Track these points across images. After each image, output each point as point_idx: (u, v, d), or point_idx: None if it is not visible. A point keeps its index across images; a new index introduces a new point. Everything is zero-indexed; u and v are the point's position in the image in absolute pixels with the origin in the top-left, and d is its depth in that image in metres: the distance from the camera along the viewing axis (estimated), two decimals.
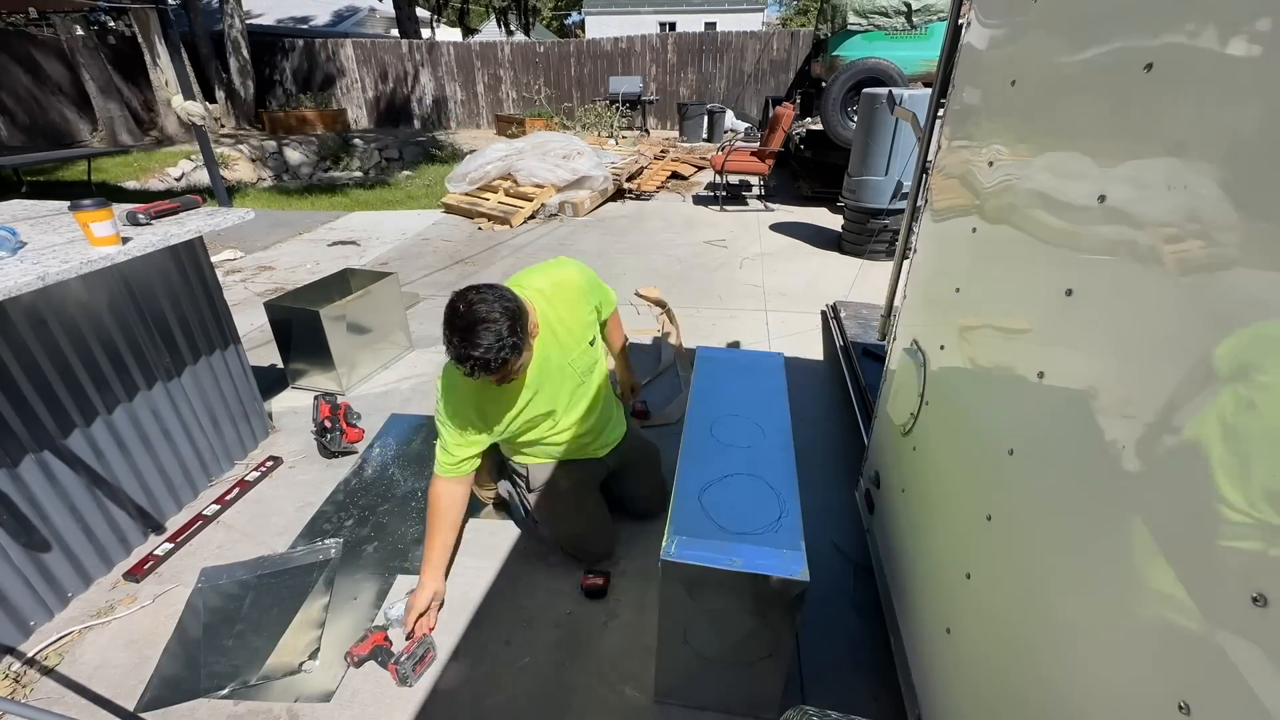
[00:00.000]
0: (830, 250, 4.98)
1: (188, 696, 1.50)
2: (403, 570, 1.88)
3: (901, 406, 1.62)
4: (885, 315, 2.54)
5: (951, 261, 1.42)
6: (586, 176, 6.23)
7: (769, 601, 1.26)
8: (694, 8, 24.21)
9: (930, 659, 1.29)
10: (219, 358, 2.24)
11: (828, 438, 2.52)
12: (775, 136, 6.10)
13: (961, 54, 1.49)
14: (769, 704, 1.42)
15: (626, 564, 1.89)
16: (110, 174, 8.10)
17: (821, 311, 3.76)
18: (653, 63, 12.64)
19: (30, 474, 1.61)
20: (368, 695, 1.51)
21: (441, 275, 4.52)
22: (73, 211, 1.64)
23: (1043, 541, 0.88)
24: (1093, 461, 0.77)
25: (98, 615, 1.72)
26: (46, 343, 1.64)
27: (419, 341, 3.37)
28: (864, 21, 6.59)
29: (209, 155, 3.61)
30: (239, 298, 4.01)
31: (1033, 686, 0.87)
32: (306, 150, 10.25)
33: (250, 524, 2.06)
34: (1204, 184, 0.61)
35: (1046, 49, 1.02)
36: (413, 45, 13.08)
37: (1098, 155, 0.82)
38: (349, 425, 2.41)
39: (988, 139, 1.24)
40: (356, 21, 19.09)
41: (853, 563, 1.91)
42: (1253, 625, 0.52)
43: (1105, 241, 0.78)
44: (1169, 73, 0.69)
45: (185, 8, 10.86)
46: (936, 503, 1.35)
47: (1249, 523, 0.53)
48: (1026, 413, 0.97)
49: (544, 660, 1.61)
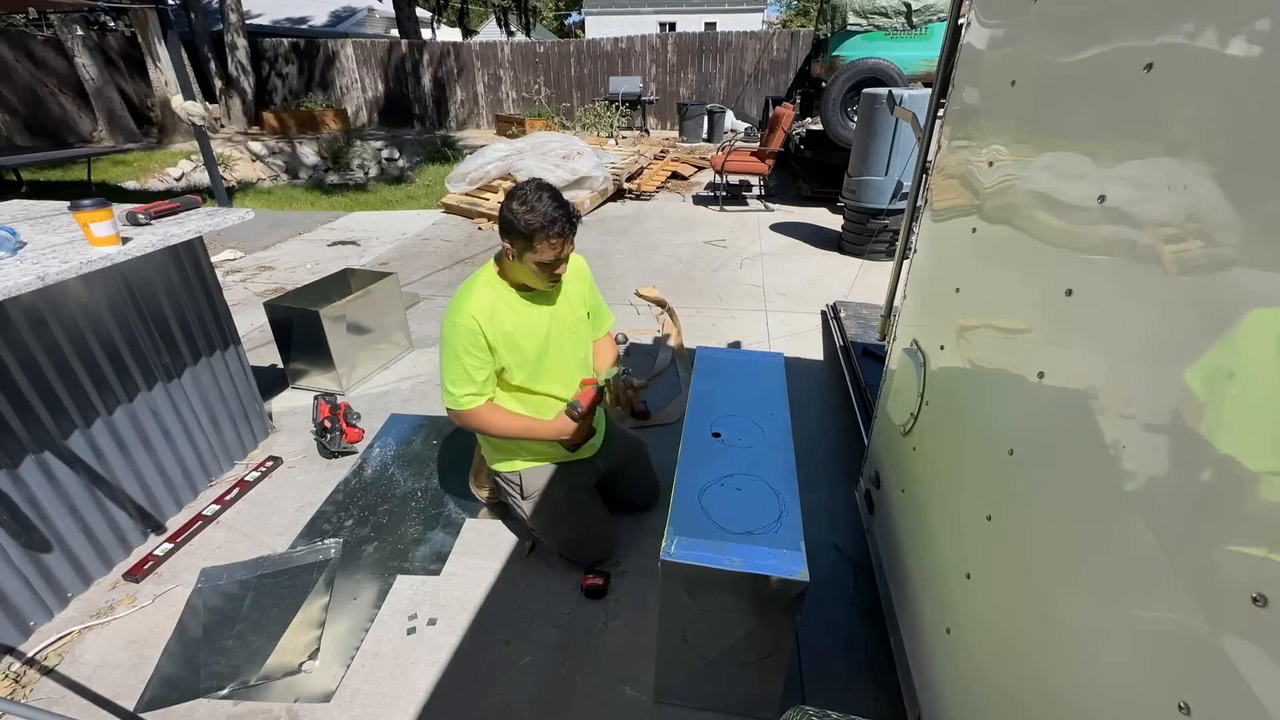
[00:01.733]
0: (830, 250, 4.98)
1: (188, 696, 1.50)
2: (403, 570, 1.88)
3: (901, 406, 1.62)
4: (885, 315, 2.54)
5: (951, 261, 1.42)
6: (586, 177, 6.23)
7: (769, 601, 1.26)
8: (694, 8, 24.22)
9: (930, 659, 1.29)
10: (219, 358, 2.24)
11: (828, 438, 2.52)
12: (775, 136, 6.10)
13: (961, 54, 1.49)
14: (769, 704, 1.42)
15: (626, 564, 1.89)
16: (110, 174, 8.11)
17: (821, 312, 3.75)
18: (653, 63, 12.64)
19: (30, 474, 1.61)
20: (368, 695, 1.51)
21: (441, 275, 4.52)
22: (73, 211, 1.64)
23: (1043, 541, 0.88)
24: (1093, 461, 0.77)
25: (98, 615, 1.72)
26: (46, 343, 1.64)
27: (419, 341, 3.37)
28: (864, 22, 6.58)
29: (209, 155, 3.60)
30: (239, 298, 4.01)
31: (1033, 686, 0.87)
32: (307, 150, 10.26)
33: (250, 524, 2.06)
34: (1204, 184, 0.61)
35: (1046, 49, 1.02)
36: (413, 45, 13.08)
37: (1097, 155, 0.82)
38: (349, 425, 2.41)
39: (987, 139, 1.24)
40: (356, 21, 19.09)
41: (853, 563, 1.91)
42: (1253, 625, 0.52)
43: (1105, 241, 0.78)
44: (1169, 73, 0.69)
45: (185, 8, 10.86)
46: (936, 503, 1.35)
47: (1249, 522, 0.53)
48: (1026, 413, 0.97)
49: (544, 660, 1.61)
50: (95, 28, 10.82)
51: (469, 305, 1.60)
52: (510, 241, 1.56)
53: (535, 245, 1.52)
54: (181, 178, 8.65)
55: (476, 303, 1.61)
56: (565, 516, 1.85)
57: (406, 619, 1.71)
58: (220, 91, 11.32)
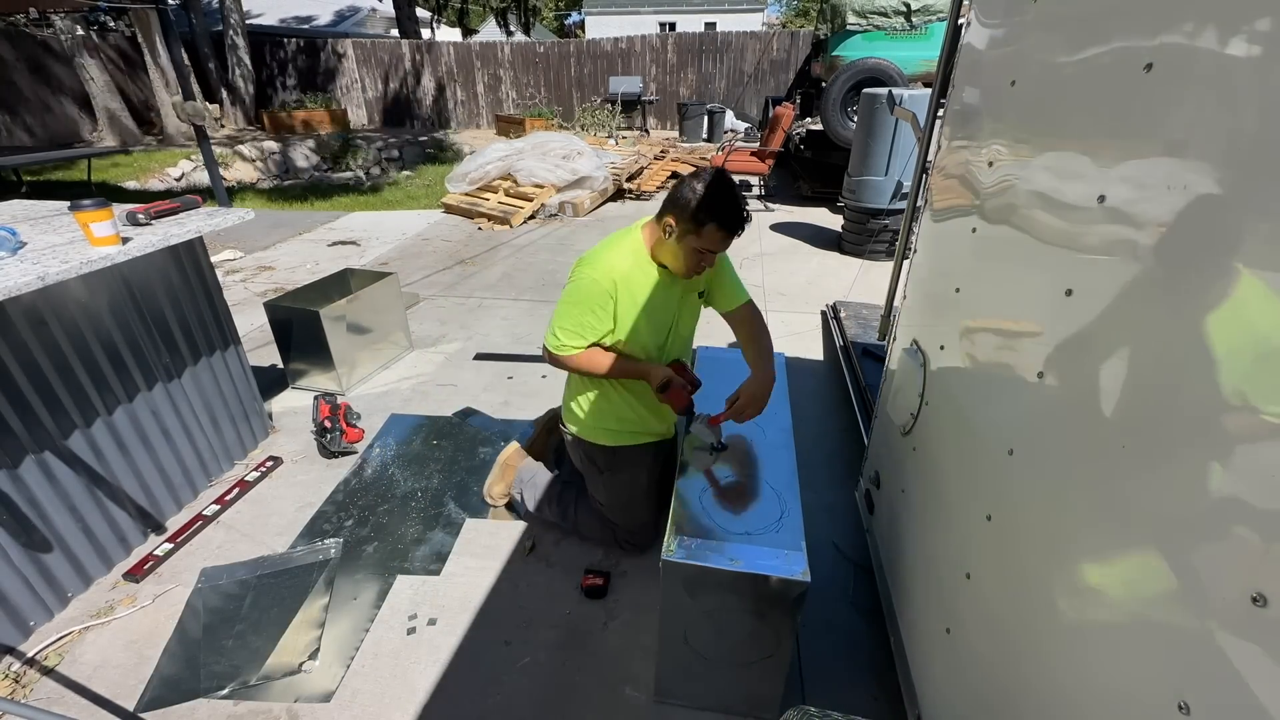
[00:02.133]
0: (830, 250, 4.98)
1: (188, 696, 1.50)
2: (403, 570, 1.88)
3: (901, 407, 1.62)
4: (885, 315, 2.54)
5: (951, 261, 1.42)
6: (586, 177, 6.23)
7: (769, 602, 1.26)
8: (694, 8, 24.21)
9: (930, 659, 1.29)
10: (219, 358, 2.23)
11: (828, 438, 2.52)
12: (775, 136, 6.10)
13: (961, 54, 1.49)
14: (769, 704, 1.42)
15: (627, 564, 1.89)
16: (110, 174, 8.10)
17: (821, 311, 3.76)
18: (653, 63, 12.64)
19: (30, 474, 1.61)
20: (368, 695, 1.51)
21: (441, 275, 4.52)
22: (73, 211, 1.64)
23: (1043, 541, 0.88)
24: (1092, 461, 0.77)
25: (98, 615, 1.72)
26: (46, 343, 1.64)
27: (419, 341, 3.37)
28: (863, 21, 6.59)
29: (209, 155, 3.61)
30: (239, 298, 4.01)
31: (1033, 686, 0.87)
32: (307, 150, 10.25)
33: (250, 524, 2.06)
34: (1203, 184, 0.61)
35: (1046, 49, 1.02)
36: (413, 45, 13.08)
37: (1097, 155, 0.82)
38: (349, 425, 2.41)
39: (987, 139, 1.24)
40: (357, 21, 19.08)
41: (853, 563, 1.91)
42: (1252, 625, 0.52)
43: (1105, 241, 0.78)
44: (1169, 73, 0.69)
45: (185, 8, 10.86)
46: (936, 503, 1.35)
47: (1249, 522, 0.53)
48: (1026, 413, 0.97)
49: (544, 660, 1.61)
50: (95, 28, 10.83)
51: (611, 265, 1.55)
52: (675, 219, 1.50)
53: (703, 232, 1.46)
54: (181, 178, 8.65)
55: (618, 265, 1.56)
56: (640, 501, 1.85)
57: (406, 619, 1.71)
58: (220, 92, 11.32)
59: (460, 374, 3.05)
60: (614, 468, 1.80)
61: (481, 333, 3.52)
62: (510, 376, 3.02)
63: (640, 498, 1.85)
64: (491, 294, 4.15)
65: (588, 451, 1.81)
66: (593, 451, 1.80)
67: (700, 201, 1.44)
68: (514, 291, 4.19)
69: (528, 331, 3.53)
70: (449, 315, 3.79)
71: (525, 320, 3.70)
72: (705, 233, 1.46)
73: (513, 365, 3.14)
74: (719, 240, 1.49)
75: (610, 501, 1.85)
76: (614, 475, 1.81)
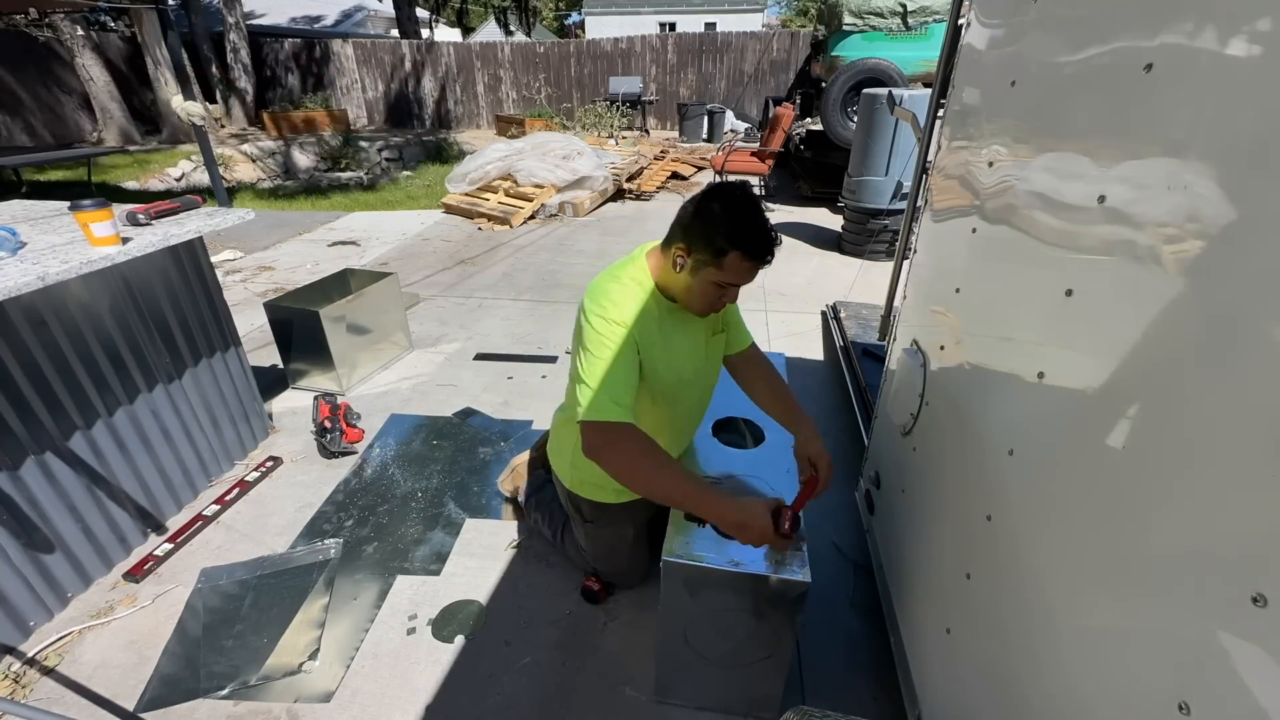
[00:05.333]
0: (830, 250, 4.98)
1: (188, 696, 1.50)
2: (403, 570, 1.88)
3: (901, 407, 1.62)
4: (885, 315, 2.54)
5: (951, 262, 1.42)
6: (586, 177, 6.23)
7: (770, 602, 1.26)
8: (694, 8, 24.21)
9: (930, 659, 1.29)
10: (219, 358, 2.23)
11: (828, 438, 2.49)
12: (775, 137, 6.10)
13: (961, 54, 1.49)
14: (769, 704, 1.42)
15: None
16: (110, 174, 8.11)
17: (821, 312, 3.76)
18: (653, 63, 12.65)
19: (30, 474, 1.61)
20: (368, 695, 1.51)
21: (441, 276, 4.52)
22: (73, 212, 1.64)
23: (1043, 541, 0.88)
24: (1092, 461, 0.77)
25: (97, 615, 1.71)
26: (46, 343, 1.64)
27: (419, 341, 3.37)
28: (859, 22, 6.59)
29: (209, 155, 3.61)
30: (239, 298, 4.01)
31: (1033, 687, 0.87)
32: (307, 150, 10.26)
33: (250, 524, 2.06)
34: (1203, 184, 0.61)
35: (1046, 49, 1.02)
36: (413, 45, 13.09)
37: (1097, 155, 0.82)
38: (349, 425, 2.41)
39: (987, 139, 1.24)
40: (357, 21, 19.10)
41: (853, 563, 1.91)
42: (1253, 625, 0.52)
43: (1105, 242, 0.78)
44: (1169, 73, 0.69)
45: (185, 8, 10.86)
46: (936, 503, 1.35)
47: (1249, 522, 0.53)
48: (1026, 413, 0.97)
49: (544, 660, 1.61)
50: (95, 28, 10.83)
51: (631, 307, 1.27)
52: (688, 248, 1.24)
53: (724, 263, 1.22)
54: (181, 178, 8.65)
55: (638, 307, 1.27)
56: (622, 552, 1.71)
57: (406, 619, 1.71)
58: (220, 92, 11.33)
59: (460, 374, 3.05)
60: (598, 520, 1.63)
61: (481, 333, 3.53)
62: (510, 376, 3.02)
63: (625, 552, 1.70)
64: (491, 294, 4.15)
65: (572, 498, 1.63)
66: (577, 500, 1.61)
67: (719, 226, 1.20)
68: (514, 291, 4.19)
69: (528, 331, 3.53)
70: (449, 315, 3.79)
71: (525, 320, 3.71)
72: (727, 263, 1.22)
73: (513, 365, 3.14)
74: (744, 272, 1.24)
75: (593, 551, 1.72)
76: (598, 528, 1.65)
